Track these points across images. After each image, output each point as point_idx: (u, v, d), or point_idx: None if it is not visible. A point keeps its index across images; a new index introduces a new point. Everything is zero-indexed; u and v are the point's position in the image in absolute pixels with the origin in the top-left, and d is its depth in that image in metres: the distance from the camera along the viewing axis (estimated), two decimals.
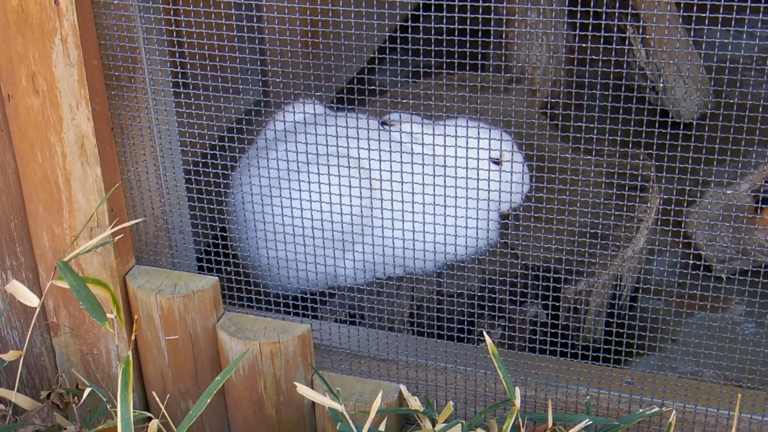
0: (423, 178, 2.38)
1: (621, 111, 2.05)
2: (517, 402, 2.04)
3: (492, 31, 4.18)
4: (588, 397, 2.26)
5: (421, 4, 4.83)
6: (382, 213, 2.45)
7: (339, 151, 2.59)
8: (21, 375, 2.54)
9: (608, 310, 3.00)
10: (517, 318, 2.84)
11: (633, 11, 3.96)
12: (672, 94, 4.24)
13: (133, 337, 2.20)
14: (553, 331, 2.85)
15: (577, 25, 2.14)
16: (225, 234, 2.95)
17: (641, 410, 2.16)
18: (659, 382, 2.29)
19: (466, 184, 2.27)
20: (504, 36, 4.14)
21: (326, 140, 2.30)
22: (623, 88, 2.19)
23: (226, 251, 2.51)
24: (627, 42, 4.09)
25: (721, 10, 1.90)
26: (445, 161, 2.47)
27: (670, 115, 4.25)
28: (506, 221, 3.03)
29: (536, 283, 2.87)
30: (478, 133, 2.20)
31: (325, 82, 2.25)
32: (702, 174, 2.06)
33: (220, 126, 2.37)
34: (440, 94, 3.44)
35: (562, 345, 2.38)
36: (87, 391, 2.20)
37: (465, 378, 2.39)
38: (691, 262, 2.22)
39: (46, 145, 2.30)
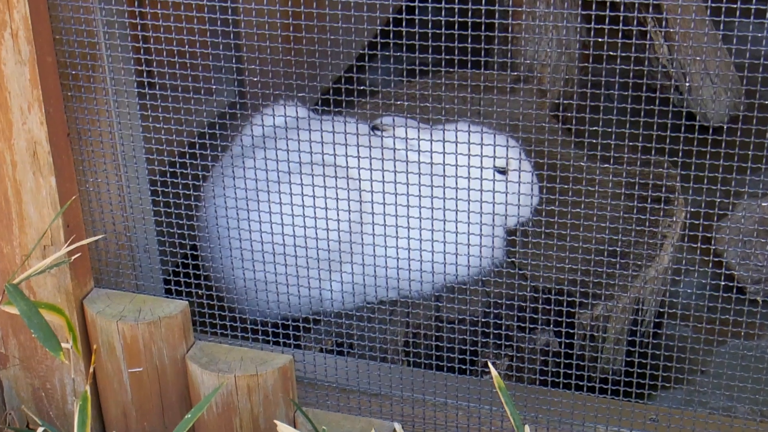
0: (419, 190, 2.39)
1: (642, 114, 2.06)
2: None
3: (496, 24, 4.20)
4: None
5: None
6: (373, 229, 2.46)
7: (324, 159, 2.60)
8: None
9: (629, 338, 3.00)
10: (526, 347, 2.84)
11: (654, 1, 3.98)
12: (698, 95, 4.26)
13: (91, 370, 2.20)
14: (566, 361, 2.86)
15: (592, 17, 2.16)
16: (196, 253, 2.95)
17: None
18: (687, 420, 2.29)
19: (468, 196, 2.28)
20: (510, 30, 4.15)
21: (310, 147, 2.30)
22: (644, 88, 2.20)
23: (197, 272, 2.51)
24: (648, 36, 4.11)
25: (753, 0, 1.92)
26: (444, 170, 2.48)
27: (698, 118, 4.27)
28: (513, 238, 3.03)
29: (547, 307, 2.87)
30: (482, 139, 2.21)
31: (309, 81, 2.26)
32: (734, 184, 2.07)
33: (190, 131, 2.38)
34: (438, 95, 3.45)
35: (577, 377, 2.39)
36: (39, 430, 2.20)
37: (467, 415, 2.39)
38: (723, 283, 2.22)
39: None
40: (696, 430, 2.26)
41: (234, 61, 2.76)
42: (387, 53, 3.21)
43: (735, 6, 1.97)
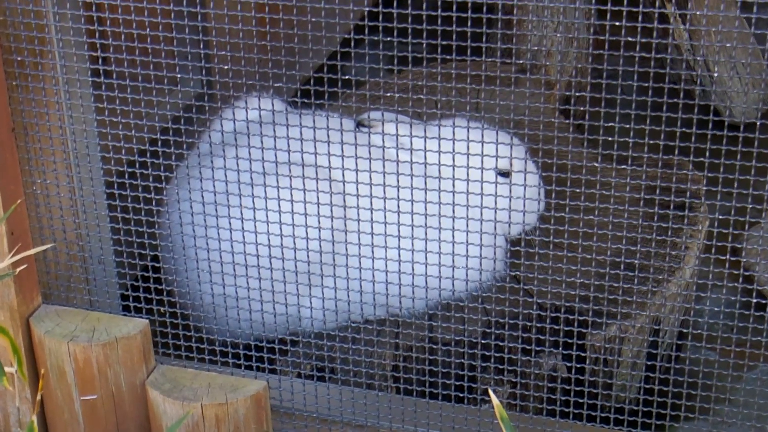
0: (411, 194, 2.39)
1: (663, 109, 2.07)
2: None
3: (499, 7, 4.21)
4: None
5: None
6: (358, 238, 2.46)
7: (304, 158, 2.60)
8: None
9: (646, 363, 3.01)
10: (531, 372, 2.85)
11: None
12: (724, 88, 4.28)
13: (38, 397, 2.20)
14: (576, 388, 2.86)
15: None
16: (157, 265, 2.95)
17: None
18: None
19: (467, 201, 2.28)
20: (514, 13, 4.17)
21: (287, 145, 2.31)
22: (666, 80, 2.22)
23: (159, 287, 2.51)
24: (669, 20, 4.13)
25: None
26: (439, 172, 2.49)
27: (728, 113, 4.29)
28: (516, 249, 3.04)
29: (555, 327, 2.88)
30: (482, 137, 2.22)
31: (286, 70, 2.27)
32: (766, 188, 2.08)
33: (151, 127, 2.38)
34: (433, 87, 3.46)
35: (588, 407, 2.39)
36: None
37: None
38: (753, 300, 2.23)
39: None
40: None
41: (201, 47, 2.77)
42: (375, 38, 3.21)
43: None
